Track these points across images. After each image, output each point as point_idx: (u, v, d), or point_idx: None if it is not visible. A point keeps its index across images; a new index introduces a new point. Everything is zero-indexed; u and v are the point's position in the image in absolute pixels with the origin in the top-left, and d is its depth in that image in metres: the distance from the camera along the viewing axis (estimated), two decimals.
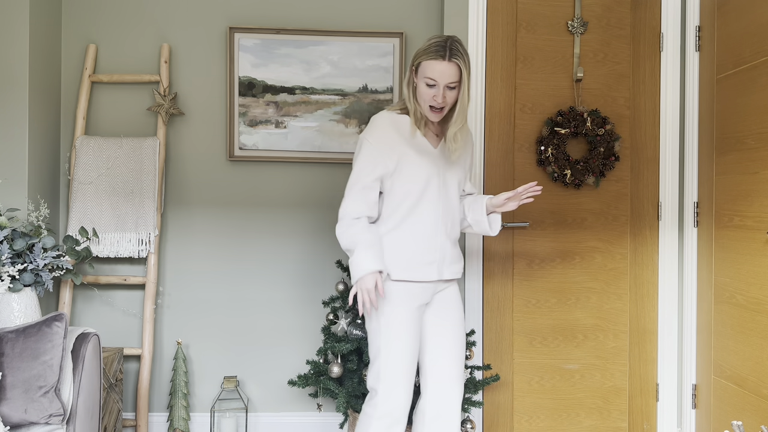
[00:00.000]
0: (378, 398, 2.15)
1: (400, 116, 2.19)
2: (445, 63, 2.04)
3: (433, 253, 2.17)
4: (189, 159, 3.03)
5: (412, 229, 2.16)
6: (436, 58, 2.04)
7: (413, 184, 2.15)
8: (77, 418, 2.10)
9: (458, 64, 2.04)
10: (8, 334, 2.06)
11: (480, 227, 2.29)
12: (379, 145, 2.14)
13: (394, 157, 2.13)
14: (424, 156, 2.16)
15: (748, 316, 2.36)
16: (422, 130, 2.18)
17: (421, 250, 2.16)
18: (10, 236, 2.41)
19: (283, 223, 3.05)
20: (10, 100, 2.70)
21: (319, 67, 3.01)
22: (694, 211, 2.71)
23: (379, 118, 2.19)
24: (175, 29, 3.02)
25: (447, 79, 2.05)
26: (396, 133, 2.15)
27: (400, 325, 2.14)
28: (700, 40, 2.70)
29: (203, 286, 3.03)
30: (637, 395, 2.94)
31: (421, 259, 2.16)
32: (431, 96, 2.08)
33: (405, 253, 2.15)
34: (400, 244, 2.16)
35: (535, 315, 2.95)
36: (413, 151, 2.15)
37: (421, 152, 2.16)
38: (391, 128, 2.16)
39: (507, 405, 2.94)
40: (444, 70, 2.04)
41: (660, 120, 2.82)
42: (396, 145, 2.14)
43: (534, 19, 2.94)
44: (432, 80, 2.06)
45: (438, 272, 2.19)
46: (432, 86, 2.07)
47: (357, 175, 2.17)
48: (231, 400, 2.99)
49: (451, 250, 2.24)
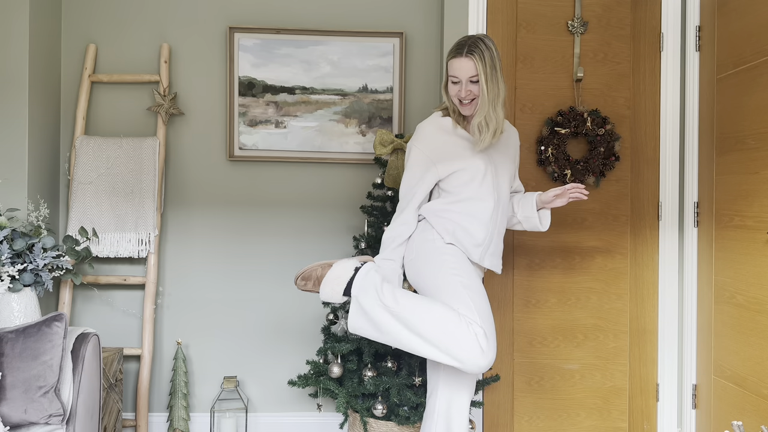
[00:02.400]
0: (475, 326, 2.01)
1: (442, 117, 2.30)
2: (462, 59, 2.17)
3: (482, 235, 2.21)
4: (189, 159, 3.03)
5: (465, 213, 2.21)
6: (456, 56, 2.19)
7: (464, 173, 2.22)
8: (77, 418, 2.10)
9: (474, 59, 2.15)
10: (8, 334, 2.06)
11: (530, 223, 2.40)
12: (424, 147, 2.24)
13: (442, 153, 2.23)
14: (470, 148, 2.24)
15: (749, 316, 2.36)
16: (463, 125, 2.28)
17: (474, 227, 2.20)
18: (10, 236, 2.41)
19: (283, 222, 3.05)
20: (10, 100, 2.70)
21: (319, 67, 3.01)
22: (695, 211, 2.71)
23: (423, 124, 2.30)
24: (175, 29, 3.02)
25: (466, 74, 2.17)
26: (440, 132, 2.27)
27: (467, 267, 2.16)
28: (700, 40, 2.70)
29: (203, 286, 3.03)
30: (638, 395, 2.93)
31: (469, 240, 2.20)
32: (457, 91, 2.21)
33: (456, 230, 2.20)
34: (453, 219, 2.21)
35: (535, 315, 2.95)
36: (459, 145, 2.24)
37: (467, 145, 2.24)
38: (434, 129, 2.27)
39: (507, 405, 2.94)
40: (462, 66, 2.17)
41: (660, 120, 2.82)
42: (441, 142, 2.24)
43: (534, 19, 2.94)
44: (454, 77, 2.20)
45: (480, 257, 2.22)
46: (456, 83, 2.20)
47: (408, 185, 2.26)
48: (231, 400, 2.99)
49: (497, 241, 2.29)
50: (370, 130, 3.02)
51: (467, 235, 2.21)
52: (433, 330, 2.01)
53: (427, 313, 2.03)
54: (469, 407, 2.64)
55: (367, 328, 2.10)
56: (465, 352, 1.98)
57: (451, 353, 2.00)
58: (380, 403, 2.50)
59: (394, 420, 2.52)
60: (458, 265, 2.15)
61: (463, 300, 2.06)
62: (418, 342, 2.03)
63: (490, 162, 2.25)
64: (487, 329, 2.02)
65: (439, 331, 2.00)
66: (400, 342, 2.06)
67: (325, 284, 2.14)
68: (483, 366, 1.99)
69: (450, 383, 2.21)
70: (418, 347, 2.04)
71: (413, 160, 2.26)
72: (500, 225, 2.29)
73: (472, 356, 1.98)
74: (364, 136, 3.02)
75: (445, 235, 2.21)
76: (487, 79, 2.16)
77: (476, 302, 2.06)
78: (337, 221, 3.05)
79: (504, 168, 2.30)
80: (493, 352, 2.02)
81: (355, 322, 2.10)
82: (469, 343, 1.99)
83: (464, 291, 2.08)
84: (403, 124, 3.02)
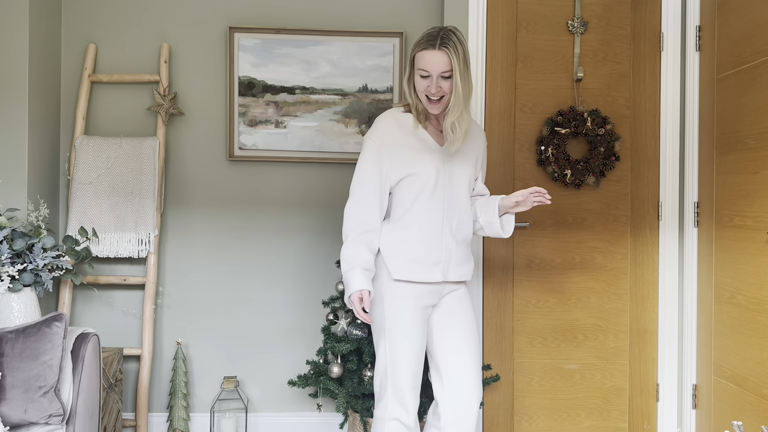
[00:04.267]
0: (386, 401, 2.14)
1: (403, 114, 2.18)
2: (435, 52, 2.01)
3: (436, 254, 2.13)
4: (189, 159, 3.03)
5: (414, 227, 2.12)
6: (427, 48, 2.03)
7: (415, 180, 2.12)
8: (77, 418, 2.10)
9: (448, 53, 2.01)
10: (8, 334, 2.06)
11: (492, 229, 2.25)
12: (380, 143, 2.13)
13: (396, 154, 2.12)
14: (427, 152, 2.13)
15: (749, 316, 2.36)
16: (424, 125, 2.16)
17: (423, 249, 2.12)
18: (9, 236, 2.41)
19: (283, 222, 3.05)
20: (10, 100, 2.70)
21: (319, 67, 3.00)
22: (695, 211, 2.71)
23: (382, 117, 2.18)
24: (175, 29, 3.02)
25: (438, 68, 2.02)
26: (399, 130, 2.14)
27: (404, 326, 2.12)
28: (700, 39, 2.70)
29: (203, 286, 3.03)
30: (638, 395, 2.93)
31: (423, 259, 2.12)
32: (426, 87, 2.06)
33: (406, 252, 2.12)
34: (400, 242, 2.13)
35: (535, 315, 2.95)
36: (416, 147, 2.13)
37: (424, 148, 2.13)
38: (394, 125, 2.15)
39: (507, 405, 2.94)
40: (435, 60, 2.02)
41: (660, 120, 2.82)
42: (398, 141, 2.12)
43: (534, 18, 2.94)
44: (425, 71, 2.04)
45: (443, 274, 2.15)
46: (426, 77, 2.05)
47: (361, 176, 2.15)
48: (231, 400, 2.99)
49: (458, 251, 2.18)
50: None
51: (421, 256, 2.11)
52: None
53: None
54: None
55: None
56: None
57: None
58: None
59: None
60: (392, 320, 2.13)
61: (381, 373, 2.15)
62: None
63: (444, 170, 2.13)
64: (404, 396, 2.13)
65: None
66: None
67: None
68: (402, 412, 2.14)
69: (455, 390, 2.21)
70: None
71: (367, 154, 2.13)
72: (457, 231, 2.17)
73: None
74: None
75: (394, 270, 2.11)
76: (461, 75, 2.02)
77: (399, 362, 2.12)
78: (337, 221, 3.05)
79: (461, 173, 2.17)
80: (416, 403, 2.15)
81: None
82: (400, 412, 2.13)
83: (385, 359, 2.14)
84: None
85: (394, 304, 2.13)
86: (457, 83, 2.03)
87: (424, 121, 2.16)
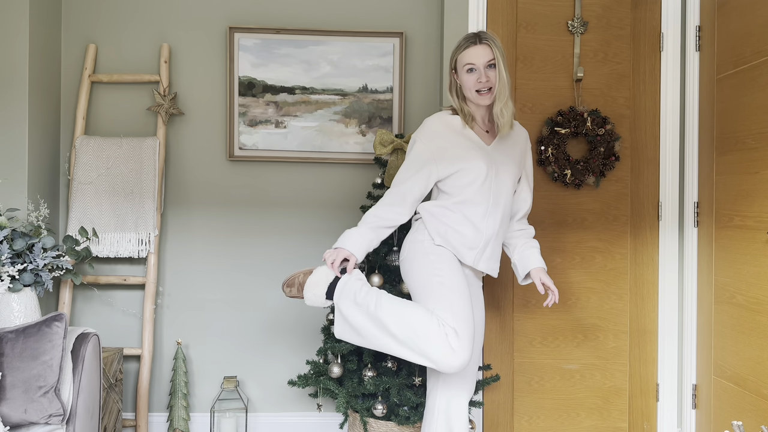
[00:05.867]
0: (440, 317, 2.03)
1: (450, 116, 2.29)
2: (478, 47, 2.18)
3: (473, 240, 2.21)
4: (189, 159, 3.03)
5: (459, 213, 2.21)
6: (469, 46, 2.19)
7: (464, 174, 2.21)
8: (77, 418, 2.10)
9: (489, 44, 2.17)
10: (8, 334, 2.06)
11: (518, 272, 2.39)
12: (429, 142, 2.23)
13: (445, 152, 2.21)
14: (476, 149, 2.22)
15: (749, 316, 2.36)
16: (470, 125, 2.26)
17: (462, 234, 2.20)
18: (10, 236, 2.41)
19: (283, 222, 3.05)
20: (10, 100, 2.70)
21: (319, 67, 3.01)
22: (695, 211, 2.71)
23: (430, 118, 2.29)
24: (175, 29, 3.02)
25: (483, 59, 2.17)
26: (447, 130, 2.25)
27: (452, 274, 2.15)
28: (700, 39, 2.70)
29: (203, 286, 3.03)
30: (637, 395, 2.93)
31: (460, 241, 2.21)
32: (475, 80, 2.18)
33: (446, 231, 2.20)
34: (443, 221, 2.21)
35: (535, 315, 2.95)
36: (465, 146, 2.23)
37: (472, 146, 2.23)
38: (442, 125, 2.26)
39: (507, 405, 2.94)
40: (478, 52, 2.17)
41: (660, 120, 2.82)
42: (447, 140, 2.23)
43: (534, 18, 2.94)
44: (471, 64, 2.18)
45: (474, 260, 2.23)
46: (472, 71, 2.19)
47: (403, 176, 2.23)
48: (231, 400, 2.99)
49: (493, 245, 2.26)
50: (370, 130, 3.02)
51: (460, 238, 2.21)
52: (405, 331, 2.02)
53: (401, 315, 2.04)
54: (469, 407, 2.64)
55: (350, 334, 2.13)
56: (436, 352, 1.99)
57: (423, 353, 2.01)
58: (380, 403, 2.50)
59: (394, 420, 2.52)
60: (441, 266, 2.16)
61: (439, 300, 2.07)
62: (393, 344, 2.06)
63: (492, 164, 2.23)
64: (460, 328, 2.02)
65: (411, 331, 2.02)
66: (378, 345, 2.09)
67: (307, 289, 2.16)
68: (456, 365, 2.00)
69: (449, 382, 2.21)
70: (394, 348, 2.06)
71: (415, 154, 2.24)
72: (498, 230, 2.26)
73: (443, 355, 1.99)
74: (364, 136, 3.02)
75: (435, 236, 2.21)
76: (503, 64, 2.18)
77: (452, 302, 2.07)
78: (337, 221, 3.05)
79: (507, 171, 2.27)
80: (467, 351, 2.01)
81: (339, 330, 2.15)
82: (439, 342, 2.00)
83: (441, 291, 2.09)
84: (403, 124, 3.02)
85: (439, 258, 2.18)
86: (501, 70, 2.17)
87: (471, 122, 2.26)
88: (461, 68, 2.21)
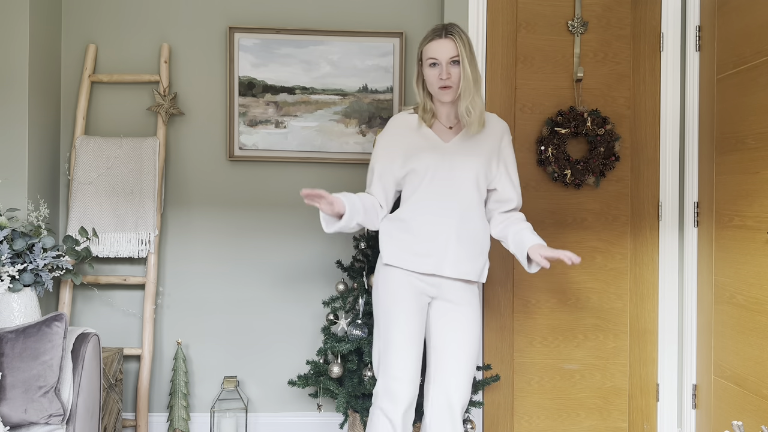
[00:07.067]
0: (377, 388, 2.19)
1: (410, 115, 2.29)
2: (442, 41, 2.13)
3: (428, 246, 2.17)
4: (189, 159, 3.03)
5: (410, 219, 2.19)
6: (434, 39, 2.14)
7: (415, 175, 2.21)
8: (77, 418, 2.10)
9: (454, 39, 2.12)
10: (8, 334, 2.06)
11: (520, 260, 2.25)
12: (387, 143, 2.26)
13: (400, 152, 2.22)
14: (428, 149, 2.20)
15: (748, 316, 2.36)
16: (429, 123, 2.24)
17: (416, 240, 2.18)
18: (10, 236, 2.41)
19: (283, 222, 3.05)
20: (10, 100, 2.70)
21: (319, 67, 3.01)
22: (695, 211, 2.71)
23: (392, 118, 2.32)
24: (175, 29, 3.02)
25: (446, 54, 2.12)
26: (404, 130, 2.26)
27: (396, 311, 2.16)
28: (700, 40, 2.70)
29: (203, 286, 3.03)
30: (638, 395, 2.93)
31: (415, 250, 2.17)
32: (437, 76, 2.14)
33: (399, 242, 2.20)
34: (396, 232, 2.21)
35: (535, 315, 2.95)
36: (418, 146, 2.22)
37: (425, 146, 2.21)
38: (401, 126, 2.27)
39: (507, 405, 2.94)
40: (442, 47, 2.12)
41: (660, 120, 2.82)
42: (403, 140, 2.23)
43: (534, 18, 2.94)
44: (433, 59, 2.14)
45: (436, 267, 2.17)
46: (435, 65, 2.14)
47: (369, 172, 2.28)
48: (231, 400, 2.99)
49: (458, 247, 2.18)
50: (370, 130, 3.02)
51: (414, 245, 2.17)
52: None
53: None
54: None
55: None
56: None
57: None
58: None
59: None
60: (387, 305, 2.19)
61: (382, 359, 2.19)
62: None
63: (444, 161, 2.18)
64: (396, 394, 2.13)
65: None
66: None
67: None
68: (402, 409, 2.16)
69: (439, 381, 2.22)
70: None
71: (376, 152, 2.28)
72: (459, 229, 2.17)
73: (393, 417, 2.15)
74: (364, 136, 3.02)
75: (385, 253, 2.21)
76: (468, 60, 2.11)
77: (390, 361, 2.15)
78: None
79: (466, 166, 2.18)
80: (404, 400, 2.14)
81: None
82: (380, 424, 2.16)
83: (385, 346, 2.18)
84: None
85: (385, 288, 2.20)
86: (465, 67, 2.11)
87: (430, 120, 2.24)
88: (425, 62, 2.16)
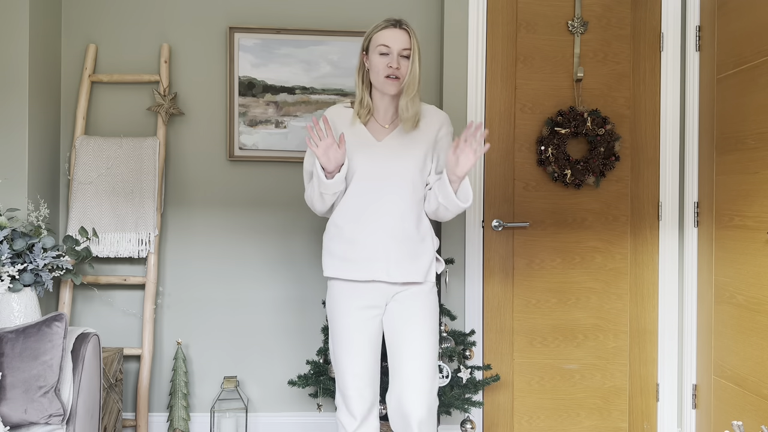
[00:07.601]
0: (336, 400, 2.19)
1: (345, 109, 2.18)
2: (397, 30, 2.08)
3: (367, 251, 2.08)
4: (189, 159, 3.03)
5: (343, 224, 2.10)
6: (388, 27, 2.08)
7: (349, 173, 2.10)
8: (77, 418, 2.10)
9: (409, 33, 2.08)
10: (8, 334, 2.06)
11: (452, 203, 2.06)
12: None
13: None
14: (360, 147, 2.11)
15: (749, 316, 2.36)
16: (365, 120, 2.15)
17: (353, 247, 2.09)
18: (10, 236, 2.41)
19: (283, 222, 3.05)
20: (10, 100, 2.70)
21: (319, 67, 3.01)
22: (695, 211, 2.71)
23: (326, 111, 2.18)
24: (175, 29, 3.02)
25: (399, 44, 2.06)
26: (338, 124, 2.15)
27: (341, 327, 2.12)
28: (700, 40, 2.70)
29: (203, 286, 3.03)
30: (638, 395, 2.93)
31: (353, 257, 2.08)
32: (386, 65, 2.06)
33: (337, 251, 2.12)
34: (332, 239, 2.13)
35: (535, 315, 2.95)
36: (350, 142, 2.11)
37: (358, 144, 2.11)
38: (334, 119, 2.16)
39: (507, 405, 2.94)
40: (397, 36, 2.07)
41: (660, 120, 2.82)
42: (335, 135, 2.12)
43: (534, 18, 2.94)
44: (386, 46, 2.07)
45: (375, 273, 2.07)
46: (386, 54, 2.07)
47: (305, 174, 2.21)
48: (231, 400, 2.99)
49: (398, 249, 2.08)
50: None
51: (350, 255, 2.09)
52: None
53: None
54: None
55: None
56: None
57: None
58: (380, 403, 2.50)
59: None
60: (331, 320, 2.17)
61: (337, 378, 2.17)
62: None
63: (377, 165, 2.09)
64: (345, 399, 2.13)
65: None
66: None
67: None
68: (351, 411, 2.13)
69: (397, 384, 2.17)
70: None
71: (308, 151, 2.18)
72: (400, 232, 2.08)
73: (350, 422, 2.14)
74: None
75: (326, 265, 2.14)
76: (418, 58, 2.07)
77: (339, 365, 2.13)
78: None
79: (401, 167, 2.09)
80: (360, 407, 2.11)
81: None
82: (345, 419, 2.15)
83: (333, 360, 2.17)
84: None
85: (329, 303, 2.18)
86: (415, 63, 2.07)
87: (365, 116, 2.15)
88: (374, 49, 2.07)
